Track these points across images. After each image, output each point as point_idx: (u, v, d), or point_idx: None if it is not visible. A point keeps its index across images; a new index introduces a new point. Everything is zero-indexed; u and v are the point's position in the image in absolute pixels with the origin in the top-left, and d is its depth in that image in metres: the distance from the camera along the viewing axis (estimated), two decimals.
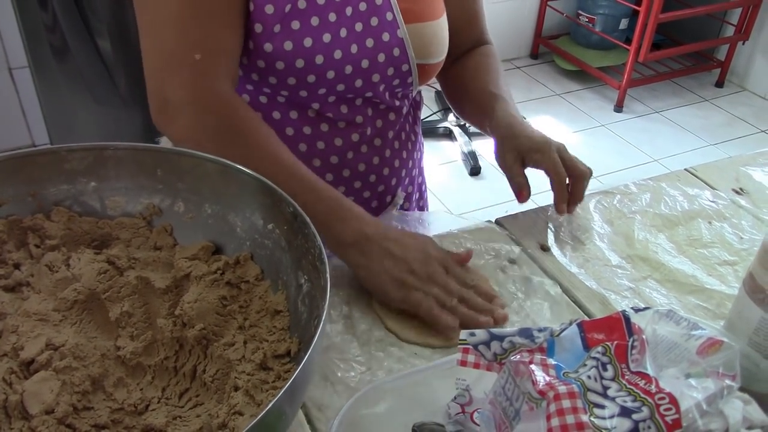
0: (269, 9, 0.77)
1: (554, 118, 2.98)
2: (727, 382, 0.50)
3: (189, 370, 0.59)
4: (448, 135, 2.76)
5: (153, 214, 0.67)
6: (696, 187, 0.97)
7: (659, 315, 0.54)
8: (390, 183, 0.96)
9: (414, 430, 0.57)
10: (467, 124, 2.73)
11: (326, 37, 0.80)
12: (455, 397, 0.56)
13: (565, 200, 0.84)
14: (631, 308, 0.54)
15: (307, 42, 0.79)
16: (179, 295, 0.62)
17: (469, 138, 2.67)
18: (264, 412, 0.43)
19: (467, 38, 1.01)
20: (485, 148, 2.68)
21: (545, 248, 0.84)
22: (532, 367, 0.49)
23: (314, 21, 0.79)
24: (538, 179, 0.86)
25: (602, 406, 0.47)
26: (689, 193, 0.95)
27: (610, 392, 0.48)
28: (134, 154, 0.66)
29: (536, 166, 0.85)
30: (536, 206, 0.92)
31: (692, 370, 0.52)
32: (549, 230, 0.87)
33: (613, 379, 0.49)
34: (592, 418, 0.45)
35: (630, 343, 0.51)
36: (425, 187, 1.08)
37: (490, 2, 3.10)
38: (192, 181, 0.66)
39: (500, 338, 0.54)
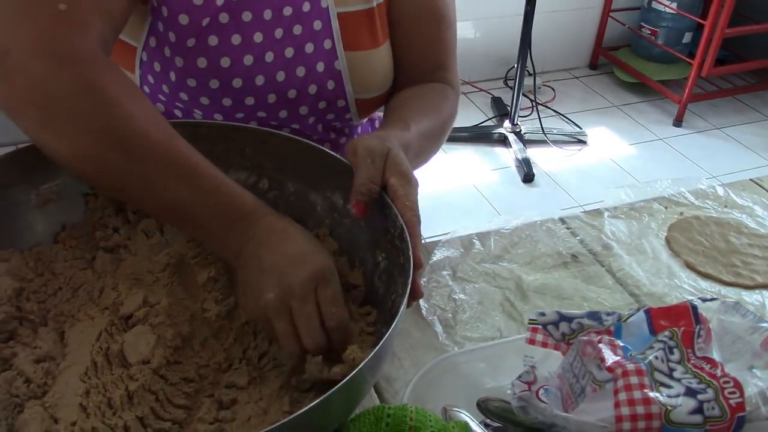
0: (183, 19, 0.68)
1: (611, 130, 2.95)
2: None
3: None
4: (503, 141, 2.76)
5: None
6: None
7: (726, 306, 0.55)
8: None
9: (479, 404, 0.60)
10: (523, 131, 2.72)
11: (248, 59, 0.71)
12: (520, 375, 0.58)
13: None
14: (699, 298, 0.56)
15: (225, 62, 0.70)
16: None
17: (524, 145, 2.67)
18: (355, 371, 0.47)
19: (422, 69, 0.81)
20: (540, 155, 2.68)
21: (607, 246, 0.86)
22: (601, 345, 0.51)
23: (236, 39, 0.70)
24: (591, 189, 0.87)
25: (668, 386, 0.49)
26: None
27: (676, 374, 0.50)
28: (226, 131, 0.70)
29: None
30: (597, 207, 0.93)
31: (756, 362, 0.53)
32: (610, 229, 0.89)
33: (679, 362, 0.51)
34: (658, 395, 0.47)
35: (696, 331, 0.53)
36: None
37: (550, 11, 3.09)
38: (277, 160, 0.70)
39: (569, 319, 0.56)
